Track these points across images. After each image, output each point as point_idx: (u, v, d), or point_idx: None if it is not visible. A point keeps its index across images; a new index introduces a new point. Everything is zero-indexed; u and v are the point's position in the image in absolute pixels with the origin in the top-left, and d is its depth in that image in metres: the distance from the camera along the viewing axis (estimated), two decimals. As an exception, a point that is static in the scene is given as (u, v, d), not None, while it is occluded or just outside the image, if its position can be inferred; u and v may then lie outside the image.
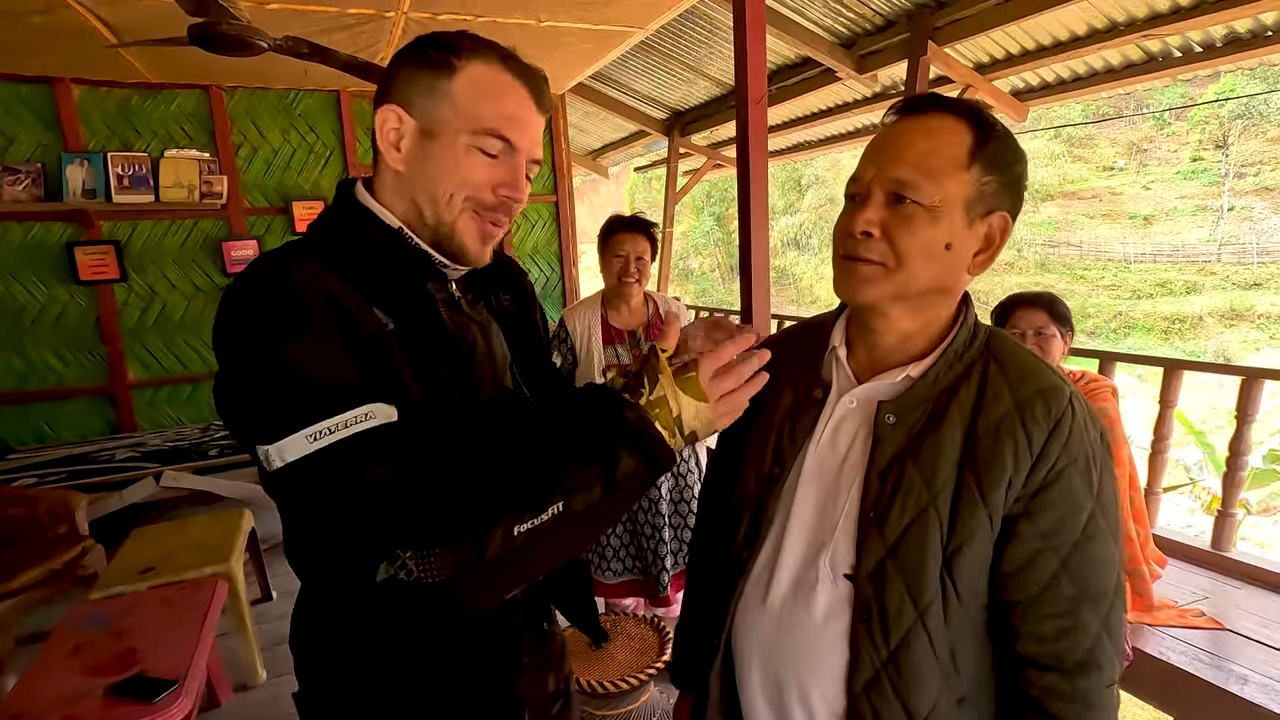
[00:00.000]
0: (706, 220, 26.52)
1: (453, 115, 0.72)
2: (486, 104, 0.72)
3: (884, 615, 0.71)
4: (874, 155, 0.73)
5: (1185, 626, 1.84)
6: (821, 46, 3.91)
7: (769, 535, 0.81)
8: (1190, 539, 2.28)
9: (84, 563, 2.60)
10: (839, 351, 0.82)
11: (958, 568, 0.70)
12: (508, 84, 0.74)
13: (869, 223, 0.71)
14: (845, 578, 0.74)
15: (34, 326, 3.49)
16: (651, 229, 2.21)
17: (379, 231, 0.75)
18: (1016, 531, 0.70)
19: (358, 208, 0.76)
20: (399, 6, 2.74)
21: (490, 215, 0.76)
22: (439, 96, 0.72)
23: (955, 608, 0.71)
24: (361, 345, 0.66)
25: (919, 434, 0.73)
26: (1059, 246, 24.39)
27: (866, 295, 0.73)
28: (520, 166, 0.76)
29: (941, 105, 0.73)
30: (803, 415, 0.82)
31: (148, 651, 1.76)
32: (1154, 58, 3.30)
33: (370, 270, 0.72)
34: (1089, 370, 1.88)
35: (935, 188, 0.69)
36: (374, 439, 0.63)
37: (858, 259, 0.72)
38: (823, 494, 0.78)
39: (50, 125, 3.43)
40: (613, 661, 1.97)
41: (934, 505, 0.70)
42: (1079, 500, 0.69)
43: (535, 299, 0.98)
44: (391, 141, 0.73)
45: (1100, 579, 0.70)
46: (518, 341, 0.89)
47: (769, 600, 0.79)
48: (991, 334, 0.78)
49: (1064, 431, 0.69)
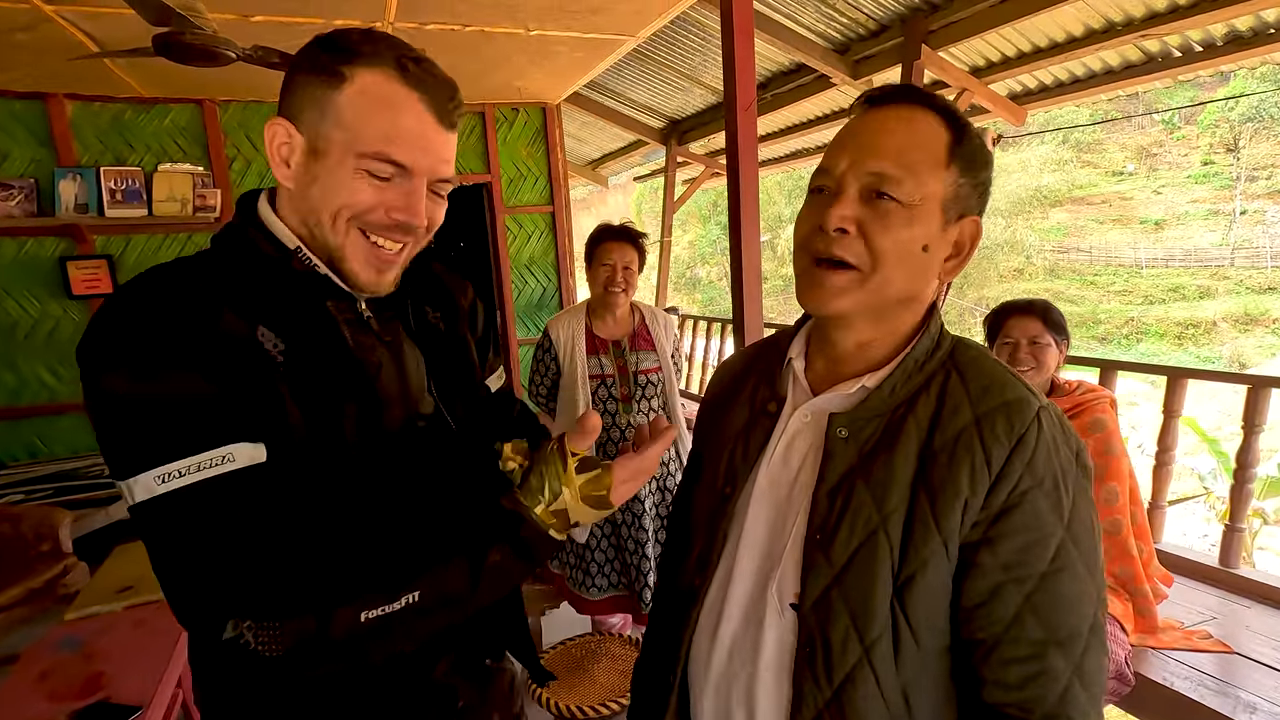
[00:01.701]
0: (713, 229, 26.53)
1: (339, 133, 0.65)
2: (374, 122, 0.65)
3: (828, 650, 0.65)
4: (846, 145, 0.67)
5: (1191, 649, 1.76)
6: (815, 52, 3.87)
7: (721, 560, 0.75)
8: (1198, 555, 2.19)
9: (65, 581, 2.56)
10: (795, 363, 0.77)
11: (910, 600, 0.63)
12: (400, 98, 0.66)
13: (844, 219, 0.65)
14: (790, 607, 0.68)
15: (26, 342, 3.49)
16: (640, 239, 2.17)
17: (274, 250, 0.70)
18: (976, 561, 0.63)
19: (256, 223, 0.71)
20: (385, 18, 2.73)
21: (384, 235, 0.69)
22: (326, 111, 0.65)
23: (909, 646, 0.64)
24: (233, 377, 0.61)
25: (872, 450, 0.67)
26: (1068, 252, 24.18)
27: (838, 305, 0.68)
28: (417, 190, 0.68)
29: (916, 98, 0.68)
30: (756, 431, 0.77)
31: (115, 676, 1.71)
32: (1153, 58, 3.24)
33: (263, 290, 0.67)
34: (1086, 380, 1.81)
35: (915, 184, 0.64)
36: (230, 485, 0.59)
37: (829, 262, 0.66)
38: (773, 515, 0.72)
39: (43, 141, 3.44)
40: (595, 685, 1.91)
41: (884, 529, 0.64)
42: (1045, 527, 0.62)
43: (474, 314, 0.91)
44: (281, 158, 0.68)
45: (1071, 618, 0.62)
46: (442, 362, 0.82)
47: (720, 632, 0.73)
48: (958, 343, 0.72)
49: (1028, 449, 0.62)
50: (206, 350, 0.61)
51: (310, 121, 0.66)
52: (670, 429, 0.76)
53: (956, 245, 0.69)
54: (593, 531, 2.14)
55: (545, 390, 2.25)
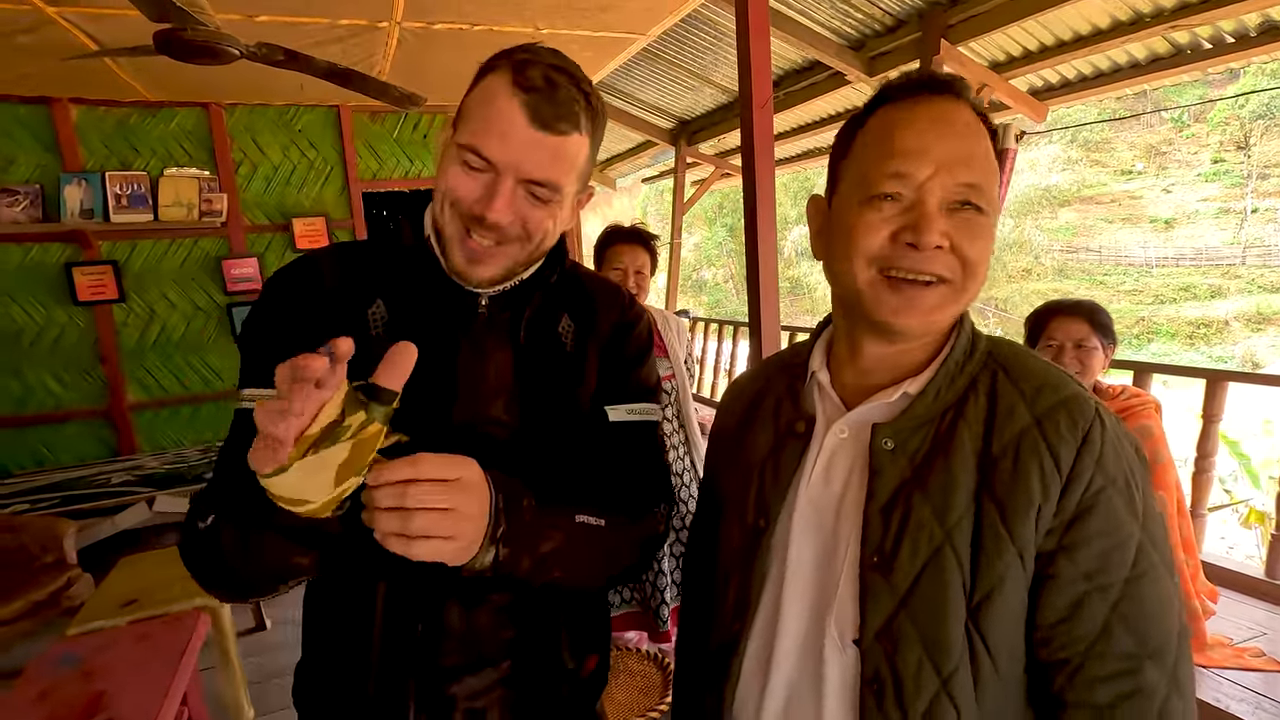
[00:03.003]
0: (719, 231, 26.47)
1: (460, 123, 0.73)
2: (476, 116, 0.71)
3: (899, 685, 0.58)
4: (925, 148, 0.60)
5: (1242, 668, 1.67)
6: (829, 49, 3.80)
7: (763, 600, 0.68)
8: (1243, 567, 2.10)
9: (70, 593, 2.51)
10: (820, 377, 0.70)
11: (988, 622, 0.57)
12: (502, 96, 0.69)
13: (944, 234, 0.60)
14: (853, 643, 0.61)
15: (32, 349, 3.45)
16: (651, 241, 2.10)
17: (413, 236, 0.79)
18: (1054, 572, 0.57)
19: (419, 213, 0.81)
20: (392, 16, 2.68)
21: (473, 227, 0.73)
22: (460, 109, 0.74)
23: (989, 674, 0.57)
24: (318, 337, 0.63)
25: (924, 460, 0.61)
26: (1077, 252, 24.00)
27: (935, 321, 0.63)
28: (499, 185, 0.70)
29: (959, 92, 0.63)
30: (784, 455, 0.70)
31: (116, 695, 1.65)
32: (1181, 50, 3.15)
33: (396, 269, 0.78)
34: (1128, 385, 1.73)
35: (992, 190, 0.62)
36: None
37: (920, 278, 0.60)
38: (820, 543, 0.65)
39: (49, 146, 3.40)
40: (612, 702, 1.84)
41: (950, 544, 0.58)
42: (1124, 529, 0.57)
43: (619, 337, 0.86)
44: (439, 149, 0.77)
45: (1160, 626, 0.57)
46: (544, 375, 0.80)
47: (771, 682, 0.66)
48: (992, 341, 0.67)
49: (1095, 446, 0.57)
50: (307, 310, 0.74)
51: (460, 117, 0.74)
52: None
53: None
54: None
55: None
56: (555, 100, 0.69)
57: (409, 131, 4.10)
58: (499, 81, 0.69)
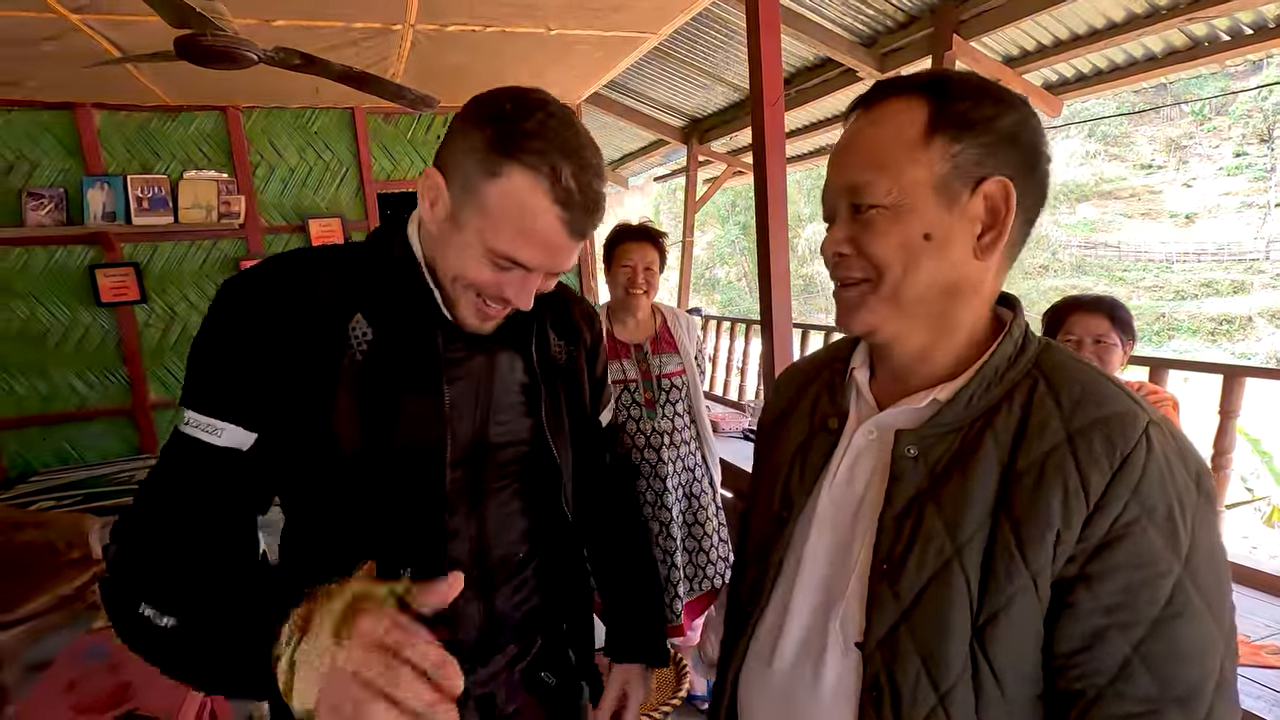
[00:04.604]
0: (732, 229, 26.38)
1: (478, 220, 0.69)
2: (511, 226, 0.68)
3: (895, 695, 0.58)
4: (830, 164, 0.65)
5: (1260, 666, 1.65)
6: (840, 46, 3.78)
7: (776, 589, 0.69)
8: (1258, 563, 2.07)
9: (95, 588, 2.56)
10: (858, 374, 0.70)
11: (993, 642, 0.55)
12: (543, 211, 0.67)
13: (836, 242, 0.63)
14: (855, 645, 0.61)
15: (57, 350, 3.53)
16: (660, 238, 2.11)
17: (404, 254, 0.76)
18: (1072, 601, 0.54)
19: (401, 229, 0.77)
20: (406, 19, 2.71)
21: (494, 302, 0.74)
22: (473, 193, 0.68)
23: (993, 696, 0.56)
24: (281, 365, 0.69)
25: (944, 471, 0.60)
26: (1096, 248, 23.66)
27: (863, 321, 0.63)
28: (532, 280, 0.73)
29: (892, 89, 0.62)
30: (815, 450, 0.70)
31: (142, 687, 1.69)
32: (1199, 43, 3.10)
33: (379, 282, 0.75)
34: (1145, 382, 1.71)
35: (888, 182, 0.59)
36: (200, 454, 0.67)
37: (843, 284, 0.64)
38: (834, 543, 0.66)
39: (72, 150, 3.47)
40: (626, 697, 1.85)
41: (959, 559, 0.57)
42: (1157, 564, 0.53)
43: (597, 349, 0.94)
44: (429, 201, 0.72)
45: (1191, 672, 0.53)
46: (557, 393, 0.85)
47: (774, 666, 0.67)
48: (1046, 349, 0.63)
49: (1133, 472, 0.53)
50: (278, 327, 0.69)
51: (457, 191, 0.69)
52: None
53: (989, 213, 0.60)
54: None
55: None
56: (594, 213, 0.71)
57: (422, 133, 4.14)
58: (534, 190, 0.66)
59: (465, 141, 0.68)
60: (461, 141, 0.69)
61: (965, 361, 0.63)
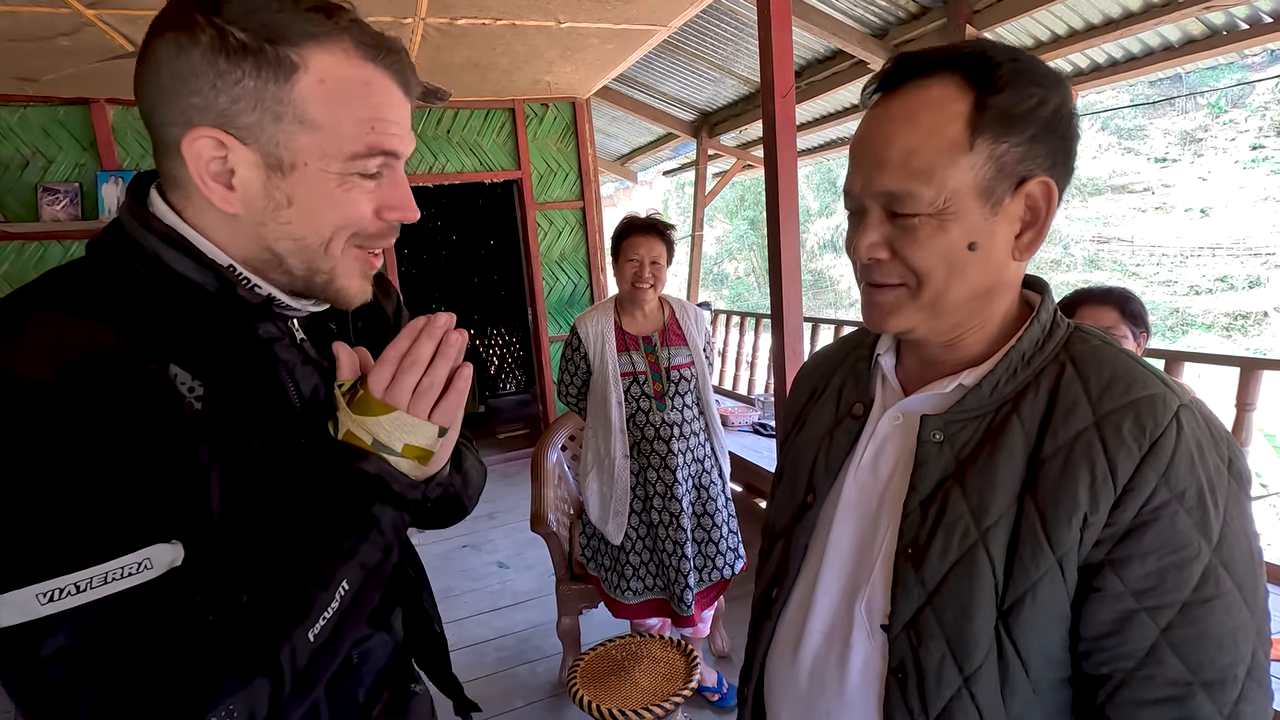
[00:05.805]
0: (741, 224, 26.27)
1: (308, 137, 0.53)
2: (353, 113, 0.54)
3: (921, 678, 0.58)
4: (858, 159, 0.61)
5: (1275, 659, 1.64)
6: (851, 37, 3.76)
7: (802, 573, 0.70)
8: (1273, 557, 2.05)
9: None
10: (884, 360, 0.70)
11: (1019, 626, 0.56)
12: (373, 78, 0.55)
13: (873, 246, 0.60)
14: (881, 628, 0.62)
15: (73, 343, 3.57)
16: (668, 231, 2.11)
17: (192, 267, 0.56)
18: (1100, 586, 0.54)
19: (159, 231, 0.56)
20: (416, 13, 2.71)
21: (375, 244, 0.61)
22: (281, 111, 0.52)
23: (1018, 678, 0.56)
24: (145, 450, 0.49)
25: (970, 456, 0.60)
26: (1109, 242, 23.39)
27: (896, 324, 0.62)
28: (403, 178, 0.60)
29: (923, 67, 0.57)
30: (839, 435, 0.71)
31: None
32: (1216, 31, 3.06)
33: (172, 318, 0.54)
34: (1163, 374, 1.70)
35: (932, 192, 0.56)
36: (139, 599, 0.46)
37: (877, 285, 0.62)
38: (860, 527, 0.66)
39: (87, 145, 3.51)
40: (635, 688, 1.86)
41: (984, 544, 0.57)
42: (1187, 548, 0.52)
43: (398, 323, 0.80)
44: (219, 180, 0.54)
45: (1221, 656, 0.52)
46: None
47: (801, 650, 0.67)
48: (1076, 333, 0.62)
49: (1163, 456, 0.53)
50: (111, 416, 0.47)
51: (256, 128, 0.52)
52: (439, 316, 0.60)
53: (1030, 212, 0.58)
54: (628, 533, 2.09)
55: (575, 390, 2.20)
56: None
57: (433, 127, 4.14)
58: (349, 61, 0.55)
59: (211, 70, 0.51)
60: (202, 67, 0.51)
61: (993, 346, 0.63)
